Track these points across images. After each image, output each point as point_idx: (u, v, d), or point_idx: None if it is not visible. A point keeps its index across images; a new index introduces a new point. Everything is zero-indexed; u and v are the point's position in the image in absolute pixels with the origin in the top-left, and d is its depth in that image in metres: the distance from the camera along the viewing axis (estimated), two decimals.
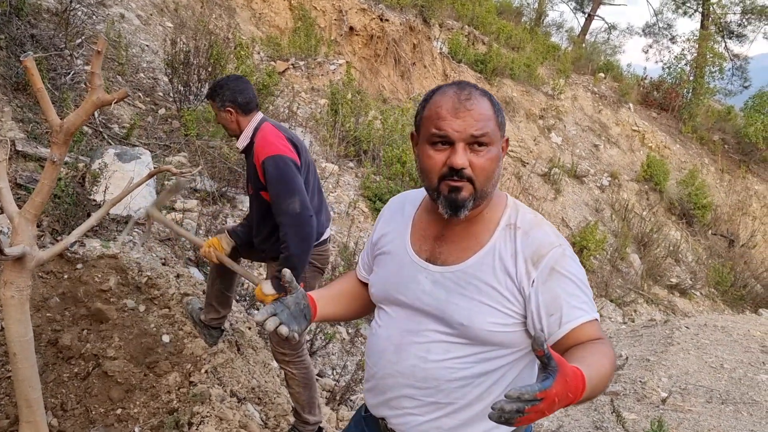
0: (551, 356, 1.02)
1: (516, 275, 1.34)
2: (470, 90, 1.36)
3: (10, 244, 2.21)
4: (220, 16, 9.65)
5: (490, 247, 1.38)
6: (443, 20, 14.31)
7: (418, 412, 1.42)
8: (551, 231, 1.41)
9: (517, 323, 1.36)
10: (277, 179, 2.60)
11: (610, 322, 8.89)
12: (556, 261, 1.34)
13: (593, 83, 17.16)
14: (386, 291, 1.49)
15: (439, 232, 1.45)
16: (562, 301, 1.31)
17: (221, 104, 2.78)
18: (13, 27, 4.75)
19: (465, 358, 1.38)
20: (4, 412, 2.79)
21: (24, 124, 4.14)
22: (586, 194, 13.16)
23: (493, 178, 1.36)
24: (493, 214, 1.43)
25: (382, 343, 1.48)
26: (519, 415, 0.99)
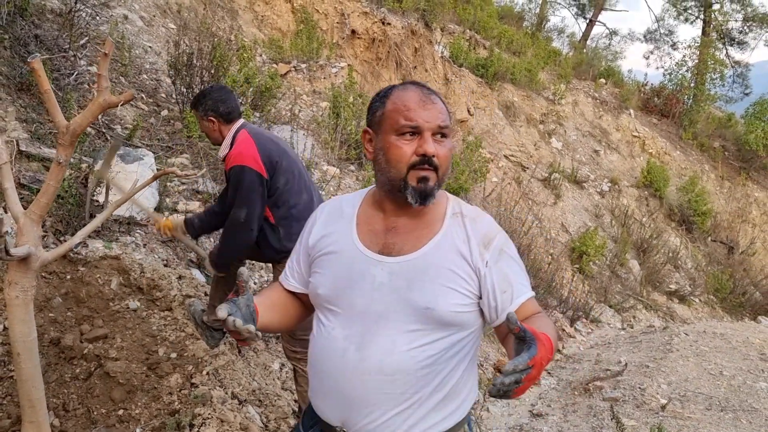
0: (526, 329, 1.17)
1: (471, 258, 1.45)
2: (428, 88, 1.50)
3: (16, 244, 2.22)
4: (223, 18, 9.67)
5: (444, 233, 1.48)
6: (445, 24, 14.35)
7: (386, 407, 1.43)
8: (490, 218, 1.57)
9: (473, 303, 1.46)
10: (234, 188, 2.75)
11: (609, 327, 8.89)
12: (503, 244, 1.50)
13: (594, 89, 17.19)
14: (337, 290, 1.50)
15: (388, 225, 1.51)
16: (511, 279, 1.47)
17: (204, 113, 2.89)
18: (17, 27, 4.77)
19: (430, 345, 1.43)
20: (6, 411, 2.80)
21: (28, 124, 4.15)
22: (586, 200, 13.18)
23: (450, 167, 1.50)
24: (439, 206, 1.53)
25: (341, 344, 1.47)
26: (516, 386, 1.13)
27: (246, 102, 5.94)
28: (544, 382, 5.43)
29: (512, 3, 23.84)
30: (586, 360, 6.23)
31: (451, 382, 1.46)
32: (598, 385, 4.85)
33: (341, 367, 1.46)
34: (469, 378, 1.53)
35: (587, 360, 6.20)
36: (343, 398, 1.47)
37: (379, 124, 1.48)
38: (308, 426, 1.61)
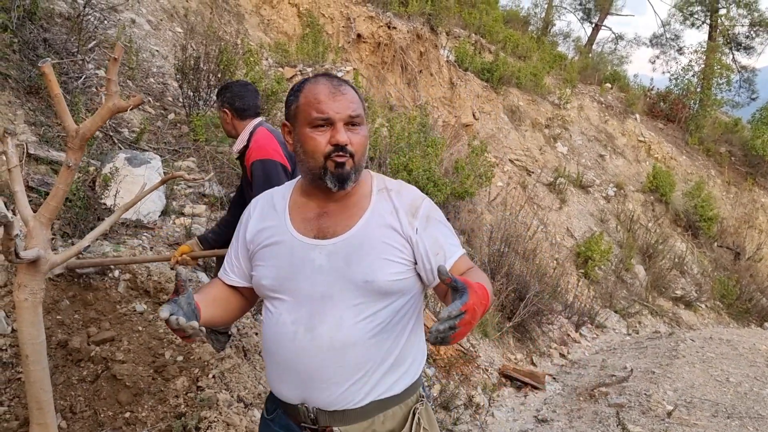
0: (457, 279, 1.25)
1: (401, 228, 1.54)
2: (338, 80, 1.56)
3: (25, 247, 2.24)
4: (229, 22, 9.71)
5: (372, 209, 1.57)
6: (450, 28, 14.36)
7: (341, 380, 1.51)
8: (414, 188, 1.66)
9: (409, 270, 1.55)
10: (262, 182, 2.69)
11: (614, 333, 8.87)
12: (429, 210, 1.60)
13: (600, 93, 17.17)
14: (280, 278, 1.57)
15: (320, 210, 1.59)
16: (441, 241, 1.56)
17: (221, 104, 2.93)
18: (27, 31, 4.80)
19: (374, 315, 1.51)
20: (14, 413, 2.81)
21: (36, 128, 4.18)
22: (591, 204, 13.16)
23: (365, 153, 1.58)
24: (365, 185, 1.63)
25: (290, 328, 1.54)
26: (452, 331, 1.19)
27: None
28: (549, 388, 5.42)
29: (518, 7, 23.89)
30: (591, 365, 6.21)
31: (399, 345, 1.56)
32: (603, 391, 4.84)
33: (294, 348, 1.53)
34: (415, 339, 1.63)
35: (592, 365, 6.18)
36: (299, 378, 1.54)
37: (295, 117, 1.57)
38: (272, 410, 1.69)
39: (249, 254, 1.67)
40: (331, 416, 1.54)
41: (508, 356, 5.88)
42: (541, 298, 6.83)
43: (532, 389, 5.25)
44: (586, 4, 26.03)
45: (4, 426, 2.77)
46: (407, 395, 1.61)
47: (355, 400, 1.52)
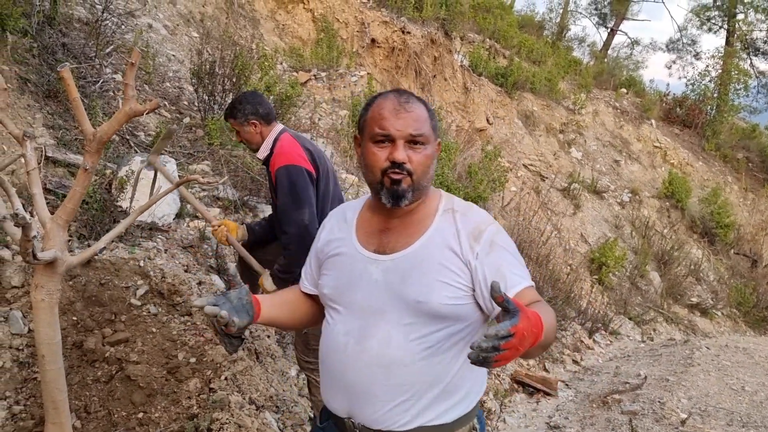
0: (510, 299, 1.16)
1: (461, 251, 1.49)
2: (408, 96, 1.55)
3: (42, 248, 2.27)
4: (245, 26, 9.79)
5: (434, 229, 1.54)
6: (465, 33, 14.37)
7: (387, 398, 1.50)
8: (484, 212, 1.60)
9: (467, 296, 1.49)
10: (288, 189, 2.65)
11: (629, 340, 8.80)
12: (494, 235, 1.52)
13: (615, 98, 17.08)
14: (339, 288, 1.60)
15: (383, 226, 1.59)
16: (504, 270, 1.48)
17: (244, 119, 2.81)
18: (46, 36, 4.88)
19: (425, 337, 1.49)
20: (30, 412, 2.85)
21: (54, 131, 4.24)
22: (605, 210, 13.08)
23: (428, 172, 1.54)
24: (431, 204, 1.60)
25: (342, 339, 1.56)
26: (496, 353, 1.12)
27: None
28: (561, 394, 5.39)
29: (533, 12, 23.83)
30: (604, 372, 6.17)
31: (451, 372, 1.51)
32: (616, 398, 4.80)
33: (344, 360, 1.55)
34: (471, 370, 1.54)
35: (606, 372, 6.14)
36: (347, 390, 1.55)
37: (362, 131, 1.58)
38: (324, 420, 1.70)
39: (319, 263, 1.71)
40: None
41: (520, 361, 5.85)
42: (555, 304, 6.79)
43: (545, 395, 5.23)
44: (602, 9, 25.95)
45: (20, 425, 2.81)
46: (458, 426, 1.55)
47: (401, 422, 1.50)
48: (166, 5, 8.09)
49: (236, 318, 1.47)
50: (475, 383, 1.59)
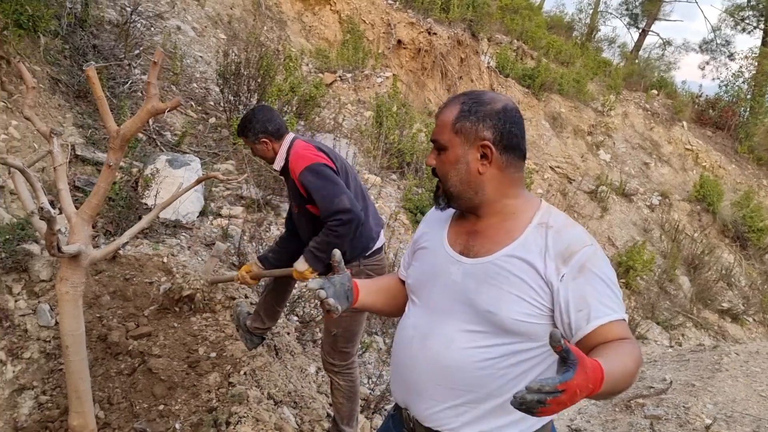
0: (569, 350, 1.07)
1: (544, 270, 1.40)
2: (451, 99, 1.53)
3: (67, 242, 2.34)
4: (272, 28, 9.90)
5: (521, 241, 1.45)
6: (492, 34, 14.30)
7: (439, 398, 1.48)
8: (583, 231, 1.47)
9: (543, 315, 1.41)
10: (320, 185, 2.65)
11: (656, 345, 8.66)
12: (587, 259, 1.39)
13: (645, 100, 16.81)
14: (419, 281, 1.61)
15: (472, 227, 1.55)
16: (590, 298, 1.36)
17: (254, 138, 2.83)
18: (77, 38, 5.01)
19: (489, 348, 1.43)
20: (55, 402, 2.93)
21: (83, 130, 4.35)
22: (634, 213, 12.88)
23: (449, 179, 1.51)
24: (526, 213, 1.50)
25: (410, 332, 1.57)
26: (540, 406, 1.04)
27: (291, 110, 6.06)
28: None
29: (562, 13, 23.60)
30: None
31: (512, 391, 1.42)
32: (640, 402, 4.73)
33: (407, 354, 1.56)
34: None
35: None
36: (405, 383, 1.57)
37: None
38: (395, 408, 1.73)
39: (413, 252, 1.72)
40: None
41: None
42: None
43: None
44: (633, 9, 25.58)
45: (46, 414, 2.89)
46: None
47: (451, 426, 1.48)
48: (194, 7, 8.23)
49: (337, 303, 1.51)
50: None
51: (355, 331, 2.87)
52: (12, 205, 3.38)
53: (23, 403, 2.91)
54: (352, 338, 2.87)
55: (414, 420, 1.56)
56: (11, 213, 3.33)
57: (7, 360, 2.94)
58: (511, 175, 1.50)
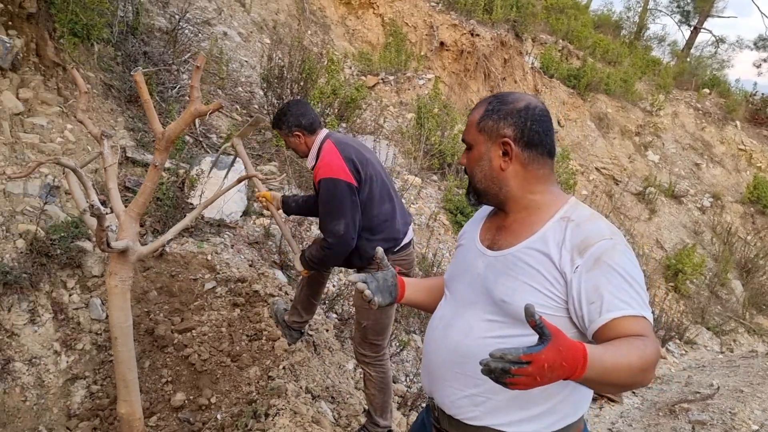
0: (544, 325, 1.08)
1: (559, 261, 1.41)
2: (481, 101, 1.58)
3: (116, 239, 2.47)
4: (316, 32, 10.06)
5: (540, 234, 1.48)
6: (536, 35, 14.15)
7: (457, 385, 1.53)
8: (606, 226, 1.46)
9: (559, 307, 1.41)
10: (328, 201, 2.77)
11: (706, 350, 8.41)
12: (603, 252, 1.38)
13: (696, 99, 16.33)
14: (451, 275, 1.68)
15: (501, 223, 1.61)
16: (604, 291, 1.34)
17: (288, 130, 2.93)
18: (129, 45, 5.22)
19: (505, 338, 1.46)
20: (105, 392, 3.08)
21: (134, 133, 4.54)
22: (684, 215, 12.54)
23: (475, 176, 1.57)
24: (550, 208, 1.53)
25: (436, 323, 1.65)
26: (507, 376, 1.06)
27: (332, 112, 6.16)
28: (626, 401, 5.24)
29: (610, 12, 23.13)
30: (675, 381, 5.94)
31: None
32: (684, 407, 4.63)
33: (432, 343, 1.63)
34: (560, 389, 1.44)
35: (677, 381, 5.91)
36: (430, 371, 1.63)
37: None
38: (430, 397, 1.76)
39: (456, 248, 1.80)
40: (449, 421, 1.58)
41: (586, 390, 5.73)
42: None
43: (608, 401, 5.10)
44: (685, 6, 24.86)
45: (96, 402, 3.04)
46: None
47: (469, 415, 1.51)
48: (240, 14, 8.44)
49: (379, 297, 1.64)
50: (564, 403, 1.47)
51: (384, 324, 2.94)
52: (67, 204, 3.56)
53: (76, 392, 3.06)
54: (381, 331, 2.94)
55: (438, 408, 1.61)
56: (66, 212, 3.50)
57: (62, 351, 3.10)
58: (535, 171, 1.53)
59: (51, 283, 3.21)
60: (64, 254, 3.26)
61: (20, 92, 3.73)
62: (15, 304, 2.99)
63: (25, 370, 2.91)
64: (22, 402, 2.84)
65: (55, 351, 3.08)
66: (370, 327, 2.90)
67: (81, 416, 2.97)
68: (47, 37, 4.05)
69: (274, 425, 2.71)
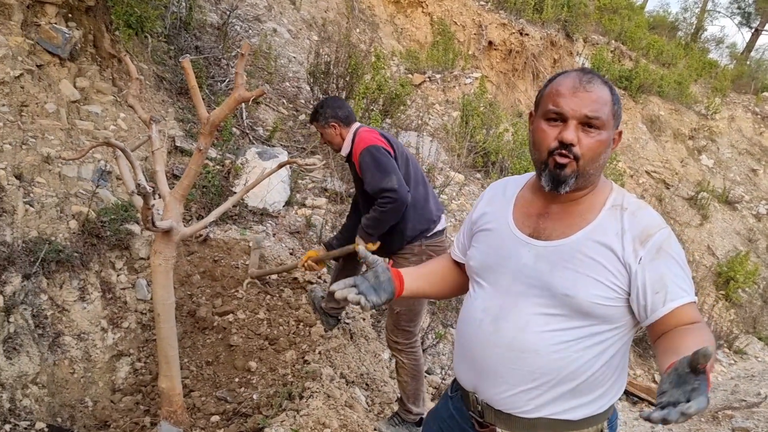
0: (705, 372, 1.03)
1: (622, 252, 1.39)
2: (592, 75, 1.43)
3: (161, 219, 2.57)
4: (364, 30, 10.14)
5: (596, 224, 1.44)
6: (588, 35, 13.91)
7: (513, 381, 1.47)
8: (657, 214, 1.46)
9: (619, 298, 1.40)
10: (372, 164, 2.79)
11: (756, 361, 8.12)
12: (663, 241, 1.40)
13: (755, 103, 15.74)
14: (485, 264, 1.57)
15: (543, 210, 1.52)
16: (667, 280, 1.36)
17: (324, 122, 3.01)
18: (181, 39, 5.39)
19: (565, 331, 1.43)
20: (148, 369, 3.20)
21: (183, 123, 4.68)
22: (738, 222, 12.11)
23: (598, 160, 1.42)
24: (599, 196, 1.49)
25: (479, 315, 1.54)
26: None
27: (377, 108, 6.21)
28: None
29: (666, 13, 22.54)
30: (721, 389, 5.76)
31: (587, 373, 1.43)
32: (728, 414, 4.49)
33: (476, 336, 1.53)
34: (611, 375, 1.48)
35: (723, 389, 5.73)
36: (475, 366, 1.55)
37: (537, 107, 1.50)
38: (454, 390, 1.72)
39: (471, 234, 1.69)
40: (497, 415, 1.53)
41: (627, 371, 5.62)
42: None
43: (649, 405, 4.99)
44: (746, 7, 23.98)
45: (139, 378, 3.16)
46: (585, 425, 1.49)
47: (524, 409, 1.48)
48: (290, 11, 8.59)
49: (373, 297, 1.51)
50: (612, 386, 1.50)
51: (417, 311, 2.97)
52: (118, 189, 3.71)
53: (120, 368, 3.19)
54: (414, 317, 2.97)
55: (483, 403, 1.55)
56: (116, 195, 3.65)
57: (108, 328, 3.24)
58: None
59: (100, 263, 3.35)
60: (113, 236, 3.40)
61: (77, 81, 3.91)
62: (66, 282, 3.14)
63: (74, 344, 3.05)
64: (70, 374, 2.98)
65: (102, 328, 3.21)
66: (403, 313, 2.93)
67: (124, 391, 3.09)
68: (104, 29, 4.23)
69: (308, 407, 2.76)
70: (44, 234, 3.12)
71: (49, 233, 3.15)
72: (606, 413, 1.52)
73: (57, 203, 3.30)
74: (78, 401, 2.96)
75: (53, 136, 3.51)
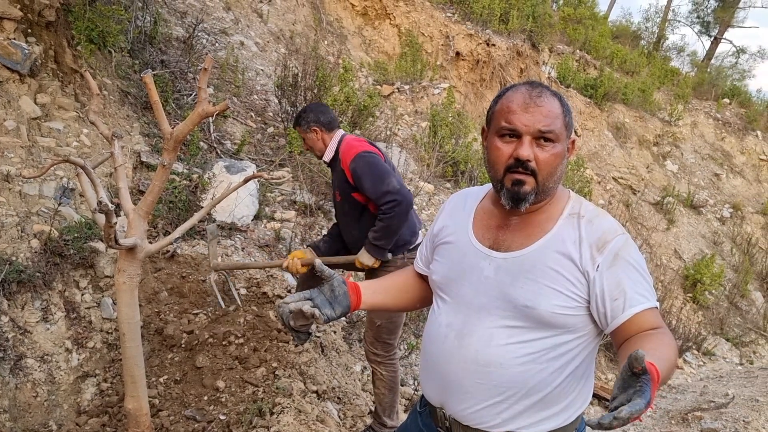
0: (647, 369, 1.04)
1: (580, 260, 1.39)
2: (541, 89, 1.43)
3: (125, 236, 2.52)
4: (332, 42, 10.16)
5: (554, 233, 1.44)
6: (553, 45, 14.15)
7: (480, 396, 1.46)
8: (614, 221, 1.47)
9: (580, 307, 1.40)
10: (369, 171, 2.78)
11: (725, 362, 8.29)
12: (620, 248, 1.40)
13: (716, 109, 16.17)
14: (448, 278, 1.56)
15: (502, 222, 1.51)
16: (626, 287, 1.36)
17: (307, 126, 3.01)
18: (147, 53, 5.34)
19: (528, 343, 1.42)
20: (115, 389, 3.14)
21: (149, 138, 4.62)
22: (703, 226, 12.39)
23: (555, 173, 1.42)
24: (557, 205, 1.49)
25: (443, 330, 1.53)
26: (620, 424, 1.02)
27: (346, 120, 6.22)
28: None
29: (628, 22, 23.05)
30: (690, 391, 5.86)
31: (553, 384, 1.43)
32: (697, 415, 4.57)
33: (442, 352, 1.51)
34: (576, 384, 1.48)
35: (692, 391, 5.83)
36: (442, 381, 1.53)
37: (489, 123, 1.49)
38: (422, 405, 1.71)
39: (432, 246, 1.67)
40: (465, 431, 1.52)
41: (598, 375, 5.69)
42: None
43: None
44: (705, 17, 24.67)
45: (106, 399, 3.09)
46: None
47: (491, 423, 1.47)
48: (258, 24, 8.57)
49: (327, 310, 1.50)
50: (578, 397, 1.51)
51: (398, 323, 2.97)
52: (81, 206, 3.64)
53: (86, 389, 3.12)
54: (395, 330, 2.97)
55: (451, 419, 1.54)
56: (80, 213, 3.58)
57: (73, 348, 3.16)
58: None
59: (64, 282, 3.28)
60: (77, 254, 3.34)
61: (38, 97, 3.84)
62: (28, 303, 3.06)
63: (37, 366, 2.98)
64: (33, 398, 2.90)
65: (67, 349, 3.14)
66: (384, 326, 2.93)
67: (90, 413, 3.02)
68: (65, 44, 4.16)
69: (278, 423, 2.74)
70: (4, 254, 3.05)
71: (9, 253, 3.07)
72: (573, 424, 1.52)
73: (18, 222, 3.22)
74: (42, 425, 2.88)
75: (13, 154, 3.44)
